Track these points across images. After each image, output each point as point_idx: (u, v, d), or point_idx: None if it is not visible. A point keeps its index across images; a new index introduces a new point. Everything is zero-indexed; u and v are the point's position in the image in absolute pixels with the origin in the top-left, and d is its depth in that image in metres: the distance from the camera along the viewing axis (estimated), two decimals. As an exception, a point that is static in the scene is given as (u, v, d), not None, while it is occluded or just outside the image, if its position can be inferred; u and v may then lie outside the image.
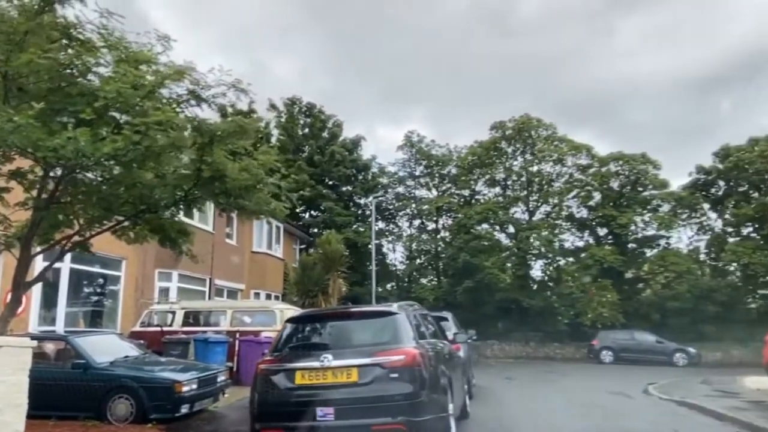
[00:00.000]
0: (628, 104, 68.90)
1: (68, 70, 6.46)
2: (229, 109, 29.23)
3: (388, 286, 38.73)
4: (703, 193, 32.07)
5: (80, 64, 6.53)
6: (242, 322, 14.72)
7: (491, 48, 77.05)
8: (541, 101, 71.68)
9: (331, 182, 36.97)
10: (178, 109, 6.85)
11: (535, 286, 34.79)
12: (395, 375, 5.55)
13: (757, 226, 29.53)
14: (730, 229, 31.24)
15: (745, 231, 30.64)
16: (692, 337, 27.63)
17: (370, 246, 38.26)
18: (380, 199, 38.34)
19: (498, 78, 75.20)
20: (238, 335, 13.71)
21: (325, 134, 38.49)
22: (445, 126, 73.05)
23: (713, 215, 32.34)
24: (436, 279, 37.84)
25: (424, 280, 38.35)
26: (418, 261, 38.54)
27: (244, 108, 36.52)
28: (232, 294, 23.04)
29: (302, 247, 33.57)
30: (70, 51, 6.66)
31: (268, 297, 24.97)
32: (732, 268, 30.29)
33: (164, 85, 6.43)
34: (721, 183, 31.55)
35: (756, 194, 30.21)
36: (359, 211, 38.23)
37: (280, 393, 5.70)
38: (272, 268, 25.85)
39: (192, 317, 15.11)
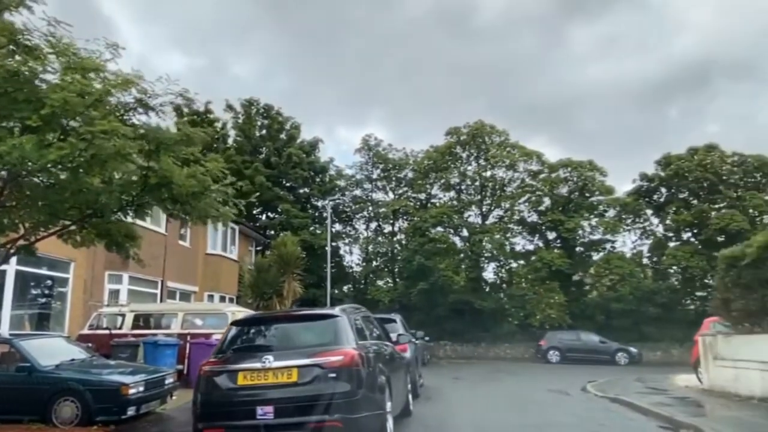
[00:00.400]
0: (581, 111, 71.19)
1: (15, 77, 6.53)
2: (185, 110, 28.99)
3: (345, 288, 39.01)
4: (646, 199, 33.55)
5: (27, 70, 6.62)
6: (193, 324, 14.75)
7: (450, 52, 78.26)
8: (497, 106, 73.27)
9: (288, 184, 36.99)
10: (125, 117, 6.98)
11: (488, 288, 35.64)
12: (333, 375, 5.86)
13: (695, 231, 31.09)
14: (670, 234, 32.77)
15: (684, 236, 32.21)
16: (634, 337, 28.89)
17: (326, 248, 38.45)
18: (337, 201, 38.57)
19: (456, 82, 76.52)
20: (189, 338, 13.74)
21: (282, 136, 38.46)
22: (404, 128, 73.80)
23: (655, 221, 33.90)
24: (391, 281, 38.29)
25: (380, 282, 38.76)
26: (374, 263, 38.89)
27: (200, 109, 36.59)
28: (185, 296, 22.88)
29: (258, 248, 33.46)
30: (17, 57, 6.73)
31: (223, 299, 24.88)
32: (672, 272, 31.74)
33: (111, 93, 6.56)
34: (663, 190, 33.09)
35: (695, 201, 31.79)
36: (316, 213, 38.38)
37: (222, 393, 5.94)
38: (227, 270, 25.75)
39: (142, 320, 15.05)
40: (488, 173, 36.31)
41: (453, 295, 32.82)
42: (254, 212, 38.15)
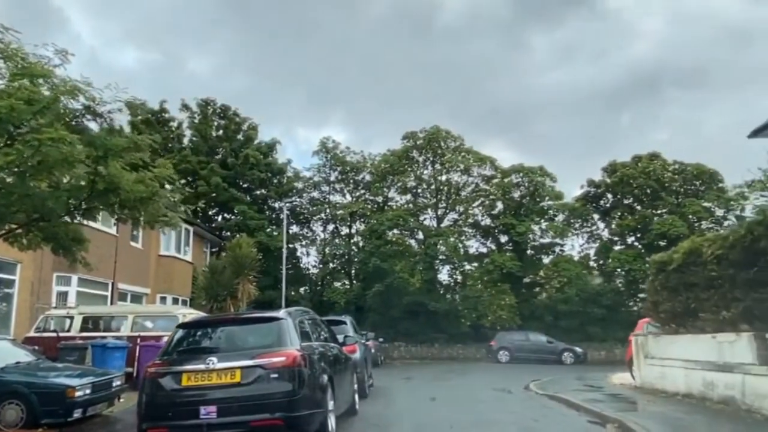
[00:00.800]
0: (539, 116, 73.04)
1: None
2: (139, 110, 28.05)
3: (301, 289, 39.10)
4: (594, 204, 34.87)
5: (-27, 76, 6.67)
6: (144, 327, 14.71)
7: (413, 53, 79.07)
8: (458, 108, 74.51)
9: (245, 185, 36.85)
10: (74, 123, 7.09)
11: (442, 291, 36.34)
12: (276, 375, 6.16)
13: (639, 235, 32.51)
14: (615, 239, 34.16)
15: (629, 240, 33.63)
16: (580, 337, 30.03)
17: (283, 250, 38.39)
18: (294, 203, 38.64)
19: (419, 83, 77.38)
20: (138, 340, 13.72)
21: (239, 137, 38.28)
22: (366, 129, 74.27)
23: (602, 225, 35.25)
24: (348, 283, 38.59)
25: (337, 284, 39.01)
26: (331, 265, 39.09)
27: (155, 107, 36.10)
28: (137, 298, 22.64)
29: (214, 250, 33.24)
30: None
31: (175, 301, 24.68)
32: (617, 274, 33.10)
33: (59, 100, 6.68)
34: (609, 196, 34.48)
35: (639, 207, 33.25)
36: (273, 215, 38.29)
37: (166, 394, 6.15)
38: (180, 272, 25.57)
39: (91, 322, 14.91)
40: (443, 177, 37.06)
41: (408, 296, 33.36)
42: (210, 213, 37.88)
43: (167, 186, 8.55)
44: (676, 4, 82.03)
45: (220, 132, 38.38)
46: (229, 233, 34.64)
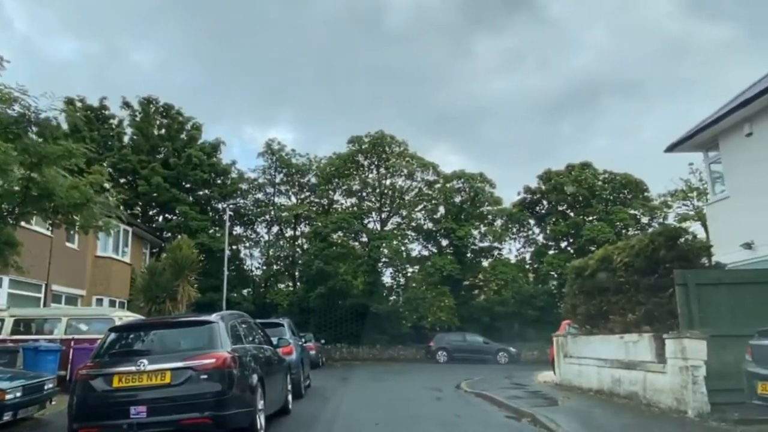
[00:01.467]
0: (484, 121, 74.92)
1: None
2: (79, 104, 27.89)
3: (245, 291, 38.94)
4: (530, 210, 36.34)
5: None
6: (78, 329, 14.56)
7: (363, 54, 79.61)
8: (407, 112, 75.67)
9: (187, 186, 36.38)
10: (8, 130, 7.20)
11: (385, 293, 37.01)
12: (205, 376, 6.50)
13: (570, 240, 34.13)
14: (550, 243, 35.71)
15: (562, 245, 35.23)
16: (515, 337, 31.30)
17: (225, 251, 38.07)
18: (239, 204, 38.46)
19: (368, 85, 78.03)
20: (72, 343, 13.61)
21: (183, 136, 37.76)
22: (314, 129, 74.32)
23: (537, 230, 36.78)
24: (292, 285, 38.72)
25: (281, 286, 39.09)
26: (275, 267, 39.11)
27: (95, 104, 35.22)
28: (72, 300, 22.15)
29: (154, 251, 32.74)
30: None
31: (112, 304, 24.25)
32: (550, 277, 34.61)
33: (-6, 109, 6.79)
34: (545, 202, 36.02)
35: (571, 213, 34.90)
36: (216, 216, 37.97)
37: (97, 395, 6.39)
38: (118, 274, 25.14)
39: (23, 325, 14.62)
40: (388, 181, 37.80)
41: (351, 298, 33.85)
42: (150, 213, 37.22)
43: (108, 192, 8.70)
44: (616, 17, 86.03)
45: (163, 131, 37.75)
46: (170, 234, 34.13)
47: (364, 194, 38.58)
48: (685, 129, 16.64)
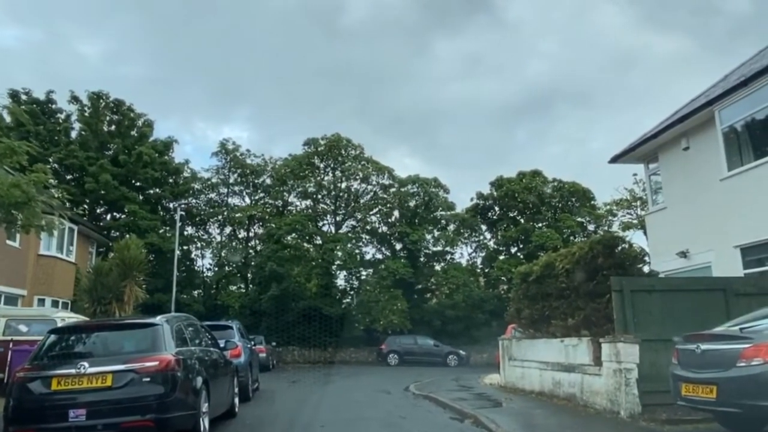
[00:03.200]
0: (442, 124, 75.76)
1: None
2: (24, 97, 26.97)
3: (195, 293, 38.27)
4: (482, 216, 37.09)
5: None
6: (17, 330, 14.06)
7: (321, 52, 79.31)
8: (365, 112, 75.73)
9: (138, 184, 35.47)
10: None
11: (338, 295, 37.04)
12: (148, 379, 6.46)
13: (520, 246, 35.01)
14: (501, 248, 36.53)
15: (512, 250, 36.09)
16: (465, 340, 31.86)
17: (176, 251, 37.37)
18: (191, 204, 37.80)
19: (323, 85, 77.82)
20: (11, 345, 13.14)
21: (134, 133, 36.85)
22: (269, 127, 73.48)
23: (489, 235, 37.56)
24: (244, 287, 38.28)
25: (233, 287, 38.60)
26: (227, 268, 38.59)
27: (41, 98, 33.97)
28: (12, 300, 21.34)
29: (101, 250, 31.80)
30: None
31: (55, 304, 23.44)
32: (500, 281, 35.39)
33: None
34: (497, 208, 36.83)
35: (521, 219, 35.79)
36: (167, 216, 37.20)
37: (34, 398, 6.27)
38: (62, 273, 24.33)
39: (-44, 326, 14.02)
40: (343, 185, 37.84)
41: (303, 301, 33.72)
42: (98, 211, 36.13)
43: (51, 189, 8.52)
44: (569, 28, 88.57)
45: (113, 127, 36.72)
46: (118, 233, 33.20)
47: (319, 197, 38.55)
48: (631, 140, 17.38)
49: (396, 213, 37.31)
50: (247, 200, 39.54)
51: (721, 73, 16.36)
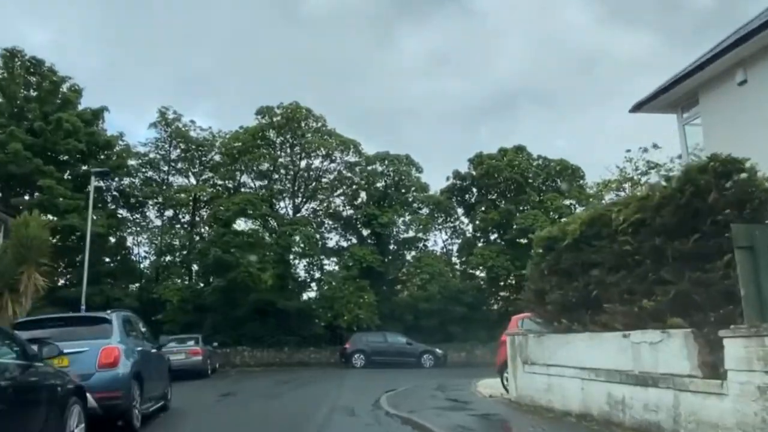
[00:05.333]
0: (406, 122, 71.36)
1: None
2: None
3: (136, 286, 33.26)
4: (459, 197, 33.03)
5: None
6: None
7: (279, 39, 74.16)
8: (327, 105, 70.91)
9: (59, 157, 30.15)
10: None
11: (297, 288, 32.49)
12: None
13: (502, 231, 31.02)
14: (478, 234, 32.54)
15: (492, 237, 32.11)
16: (440, 337, 27.79)
17: (110, 238, 32.73)
18: (123, 185, 32.85)
19: (284, 74, 72.56)
20: None
21: (57, 100, 31.53)
22: (226, 120, 67.88)
23: (465, 221, 33.57)
24: (189, 279, 33.39)
25: (177, 280, 33.55)
26: (168, 258, 33.61)
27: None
28: None
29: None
30: None
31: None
32: (479, 272, 31.45)
33: None
34: (474, 190, 32.79)
35: (503, 202, 31.77)
36: (97, 196, 31.95)
37: None
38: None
39: None
40: (303, 163, 33.28)
41: (255, 294, 29.10)
42: (12, 186, 30.62)
43: None
44: (534, 26, 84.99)
45: (31, 91, 31.31)
46: (30, 213, 27.91)
47: (276, 176, 33.91)
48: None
49: (363, 195, 32.99)
50: (193, 181, 34.62)
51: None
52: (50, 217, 27.46)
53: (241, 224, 32.62)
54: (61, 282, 29.33)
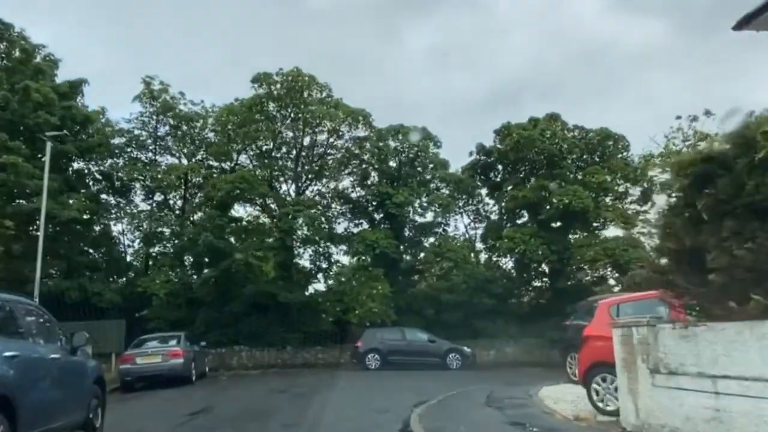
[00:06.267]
0: (411, 114, 67.85)
1: None
2: None
3: (123, 279, 29.69)
4: (482, 176, 29.14)
5: None
6: None
7: (281, 34, 70.76)
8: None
9: (27, 132, 26.53)
10: None
11: (302, 279, 28.82)
12: None
13: (533, 212, 27.09)
14: (505, 217, 28.65)
15: (520, 220, 28.21)
16: (466, 333, 24.03)
17: (95, 225, 29.40)
18: (105, 167, 29.37)
19: (289, 68, 68.90)
20: None
21: (29, 70, 27.97)
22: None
23: (490, 202, 29.73)
24: (179, 269, 29.76)
25: (171, 273, 29.87)
26: (157, 247, 30.03)
27: None
28: None
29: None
30: None
31: None
32: (507, 259, 27.64)
33: None
34: (500, 167, 28.85)
35: (533, 180, 27.83)
36: (74, 177, 28.45)
37: None
38: None
39: None
40: (307, 139, 29.52)
41: (253, 286, 25.48)
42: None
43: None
44: (541, 18, 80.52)
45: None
46: (-4, 196, 24.47)
47: (278, 155, 30.21)
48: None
49: (374, 175, 29.20)
50: (185, 161, 30.98)
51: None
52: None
53: (240, 211, 29.10)
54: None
